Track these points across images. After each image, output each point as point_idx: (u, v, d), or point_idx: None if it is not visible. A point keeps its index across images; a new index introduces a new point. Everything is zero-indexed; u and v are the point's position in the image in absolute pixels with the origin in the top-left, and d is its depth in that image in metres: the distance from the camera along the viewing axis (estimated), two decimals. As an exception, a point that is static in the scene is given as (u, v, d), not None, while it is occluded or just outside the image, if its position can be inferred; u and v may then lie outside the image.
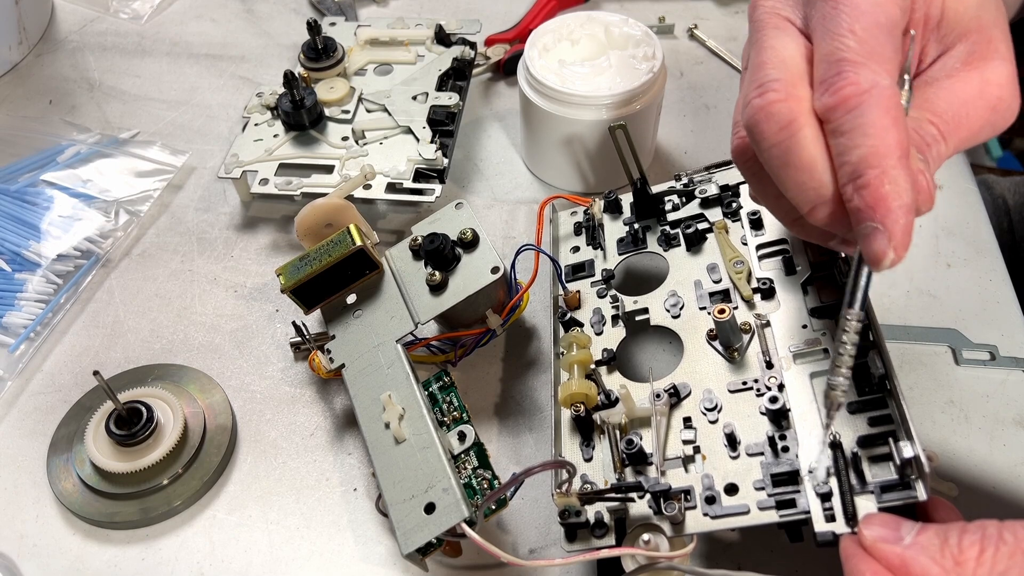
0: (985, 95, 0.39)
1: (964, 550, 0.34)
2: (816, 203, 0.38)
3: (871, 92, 0.35)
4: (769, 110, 0.38)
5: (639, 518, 0.44)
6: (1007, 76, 0.39)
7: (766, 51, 0.39)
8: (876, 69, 0.36)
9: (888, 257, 0.35)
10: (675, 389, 0.48)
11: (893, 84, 0.36)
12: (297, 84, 0.66)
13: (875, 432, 0.42)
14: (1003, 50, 0.39)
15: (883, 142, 0.35)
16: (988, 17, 0.40)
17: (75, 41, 0.85)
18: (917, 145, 0.38)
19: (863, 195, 0.35)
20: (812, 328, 0.47)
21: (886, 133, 0.35)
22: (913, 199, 0.35)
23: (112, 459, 0.52)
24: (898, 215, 0.35)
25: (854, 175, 0.35)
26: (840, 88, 0.36)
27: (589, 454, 0.48)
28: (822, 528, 0.39)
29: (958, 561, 0.34)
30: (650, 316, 0.53)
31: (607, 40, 0.67)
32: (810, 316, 0.48)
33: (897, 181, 0.35)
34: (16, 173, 0.70)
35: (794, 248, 0.51)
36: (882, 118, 0.35)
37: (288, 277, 0.55)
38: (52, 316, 0.62)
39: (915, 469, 0.39)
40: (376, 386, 0.51)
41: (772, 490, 0.43)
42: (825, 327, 0.47)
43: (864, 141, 0.35)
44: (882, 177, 0.35)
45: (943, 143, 0.38)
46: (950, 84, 0.39)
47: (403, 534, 0.45)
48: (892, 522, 0.36)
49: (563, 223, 0.62)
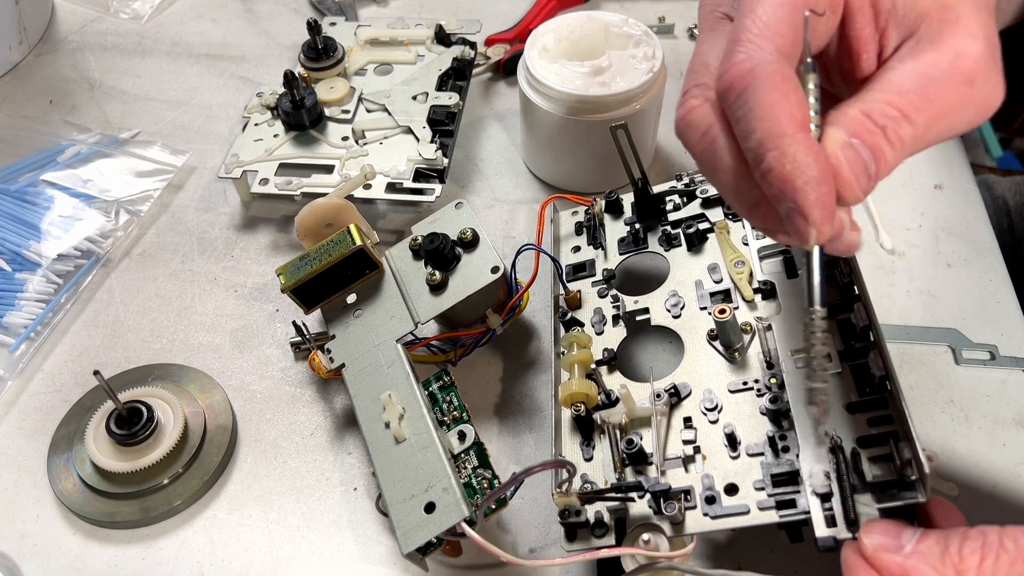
0: (958, 68, 0.36)
1: (965, 558, 0.34)
2: (747, 206, 0.37)
3: (754, 71, 0.34)
4: (688, 119, 0.37)
5: (639, 518, 0.44)
6: (980, 51, 0.36)
7: (694, 57, 0.39)
8: (762, 46, 0.35)
9: (811, 235, 0.34)
10: (675, 389, 0.48)
11: (779, 59, 0.34)
12: (297, 84, 0.66)
13: (875, 432, 0.42)
14: (974, 26, 0.36)
15: (774, 121, 0.33)
16: None
17: (75, 41, 0.85)
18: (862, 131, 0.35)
19: (770, 180, 0.34)
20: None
21: (775, 110, 0.33)
22: (821, 170, 0.33)
23: (112, 459, 0.52)
24: (807, 192, 0.33)
25: (756, 161, 0.34)
26: (724, 71, 0.35)
27: (589, 454, 0.48)
28: (823, 533, 0.39)
29: (959, 570, 0.34)
30: (651, 316, 0.53)
31: (607, 40, 0.67)
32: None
33: (796, 157, 0.33)
34: (16, 173, 0.70)
35: (795, 249, 0.51)
36: (768, 95, 0.34)
37: (288, 277, 0.55)
38: (52, 316, 0.62)
39: (915, 470, 0.39)
40: (376, 386, 0.51)
41: (772, 490, 0.43)
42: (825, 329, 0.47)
43: (757, 124, 0.34)
44: (781, 158, 0.33)
45: (906, 122, 0.35)
46: (914, 64, 0.36)
47: (403, 533, 0.45)
48: (893, 529, 0.36)
49: (564, 223, 0.62)
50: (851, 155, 0.35)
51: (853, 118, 0.35)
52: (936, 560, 0.34)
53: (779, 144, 0.33)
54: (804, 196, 0.33)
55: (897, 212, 0.66)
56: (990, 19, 0.38)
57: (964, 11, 0.37)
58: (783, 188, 0.34)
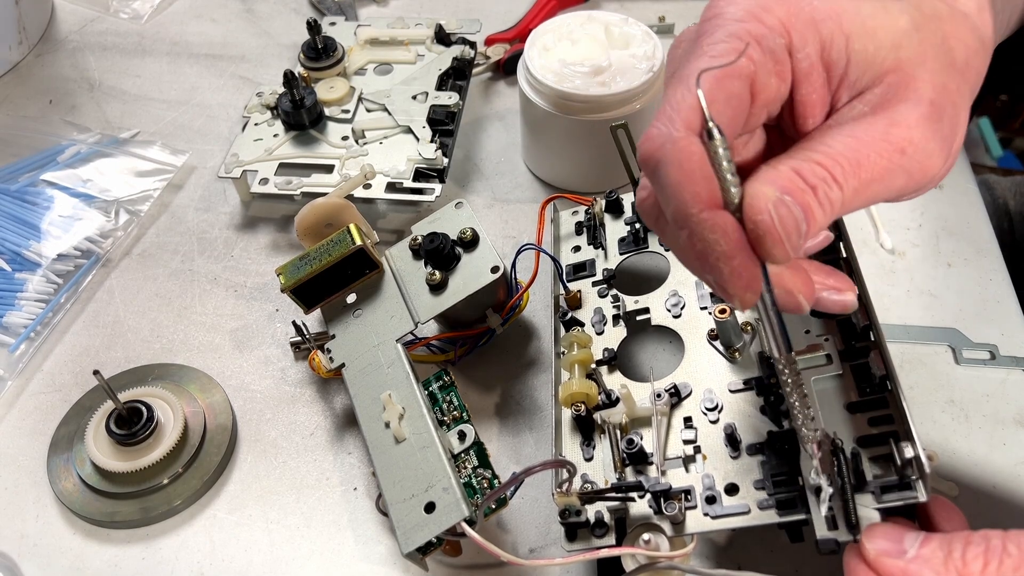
0: (891, 136, 0.35)
1: (968, 563, 0.34)
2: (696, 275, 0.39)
3: (663, 147, 0.34)
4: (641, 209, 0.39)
5: (639, 518, 0.44)
6: (919, 117, 0.35)
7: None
8: (674, 120, 0.34)
9: (736, 303, 0.35)
10: (676, 389, 0.48)
11: (688, 135, 0.34)
12: (297, 84, 0.66)
13: (875, 432, 0.41)
14: (923, 90, 0.36)
15: (680, 199, 0.34)
16: (908, 55, 0.36)
17: (75, 41, 0.85)
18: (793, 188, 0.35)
19: (688, 257, 0.35)
20: (815, 333, 0.47)
21: (680, 188, 0.34)
22: (730, 245, 0.34)
23: (112, 459, 0.52)
24: (720, 267, 0.34)
25: (674, 239, 0.35)
26: (640, 145, 0.35)
27: (589, 453, 0.48)
28: (824, 535, 0.39)
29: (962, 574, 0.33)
30: (651, 316, 0.53)
31: (607, 40, 0.67)
32: (811, 318, 0.47)
33: (704, 236, 0.34)
34: (16, 173, 0.70)
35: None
36: (675, 173, 0.34)
37: (288, 277, 0.55)
38: (52, 316, 0.62)
39: (916, 470, 0.39)
40: (376, 385, 0.51)
41: (773, 490, 0.43)
42: (826, 331, 0.47)
43: (669, 201, 0.34)
44: (691, 237, 0.34)
45: (835, 186, 0.35)
46: (852, 127, 0.36)
47: (403, 533, 0.45)
48: (895, 533, 0.36)
49: (564, 222, 0.62)
50: (783, 211, 0.34)
51: (784, 175, 0.35)
52: (939, 565, 0.34)
53: (688, 223, 0.34)
54: (719, 272, 0.34)
55: (897, 212, 0.66)
56: (950, 78, 0.37)
57: (918, 72, 0.36)
58: (701, 264, 0.34)
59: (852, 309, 0.38)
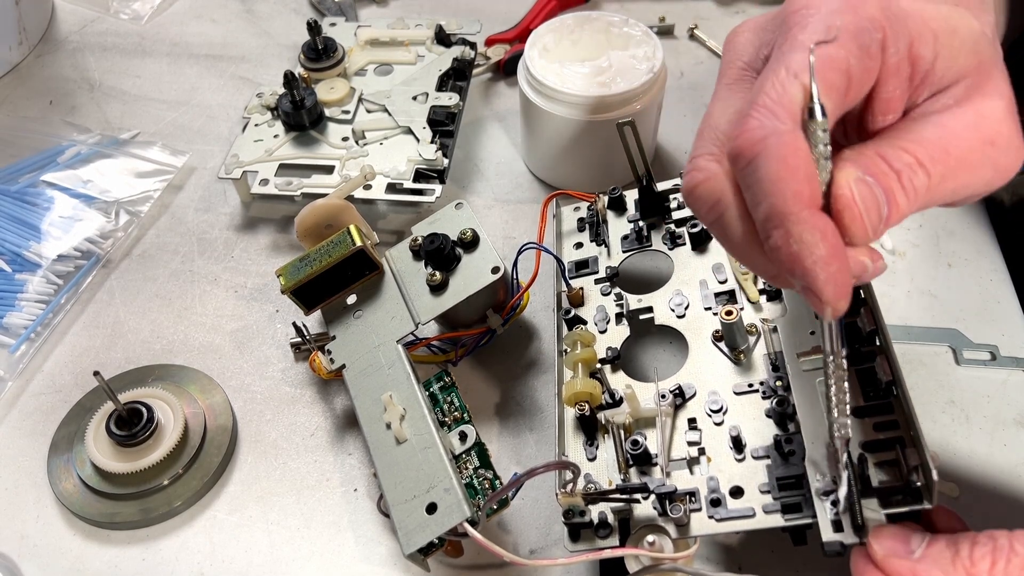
0: (981, 128, 0.35)
1: (976, 562, 0.34)
2: (765, 276, 0.37)
3: (765, 140, 0.33)
4: (696, 193, 0.36)
5: (643, 519, 0.44)
6: (1004, 111, 0.36)
7: (705, 117, 0.38)
8: (779, 113, 0.33)
9: (827, 312, 0.33)
10: (680, 390, 0.48)
11: (795, 129, 0.33)
12: (297, 84, 0.66)
13: (881, 438, 0.41)
14: (1003, 87, 0.36)
15: (779, 197, 0.32)
16: (987, 55, 0.37)
17: (75, 41, 0.85)
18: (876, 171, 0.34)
19: (779, 257, 0.33)
20: (819, 335, 0.47)
21: (781, 185, 0.32)
22: (830, 248, 0.32)
23: (112, 459, 0.52)
24: (816, 272, 0.32)
25: (764, 236, 0.33)
26: (737, 136, 0.33)
27: (593, 453, 0.48)
28: (830, 538, 0.39)
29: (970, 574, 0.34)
30: (654, 315, 0.53)
31: (607, 40, 0.67)
32: (816, 320, 0.47)
33: (802, 237, 0.32)
34: (16, 173, 0.70)
35: None
36: (777, 169, 0.32)
37: (288, 278, 0.55)
38: (52, 317, 0.62)
39: (922, 477, 0.39)
40: (377, 387, 0.51)
41: (778, 494, 0.42)
42: None
43: (763, 198, 0.33)
44: (787, 236, 0.32)
45: (921, 171, 0.34)
46: (939, 116, 0.36)
47: (405, 534, 0.45)
48: (902, 534, 0.36)
49: (566, 218, 0.62)
50: (864, 190, 0.33)
51: (868, 157, 0.34)
52: (947, 564, 0.34)
53: (784, 222, 0.32)
54: (814, 276, 0.32)
55: (897, 212, 0.66)
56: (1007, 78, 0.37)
57: (995, 72, 0.36)
58: (792, 266, 0.33)
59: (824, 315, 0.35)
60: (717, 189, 0.36)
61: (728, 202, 0.35)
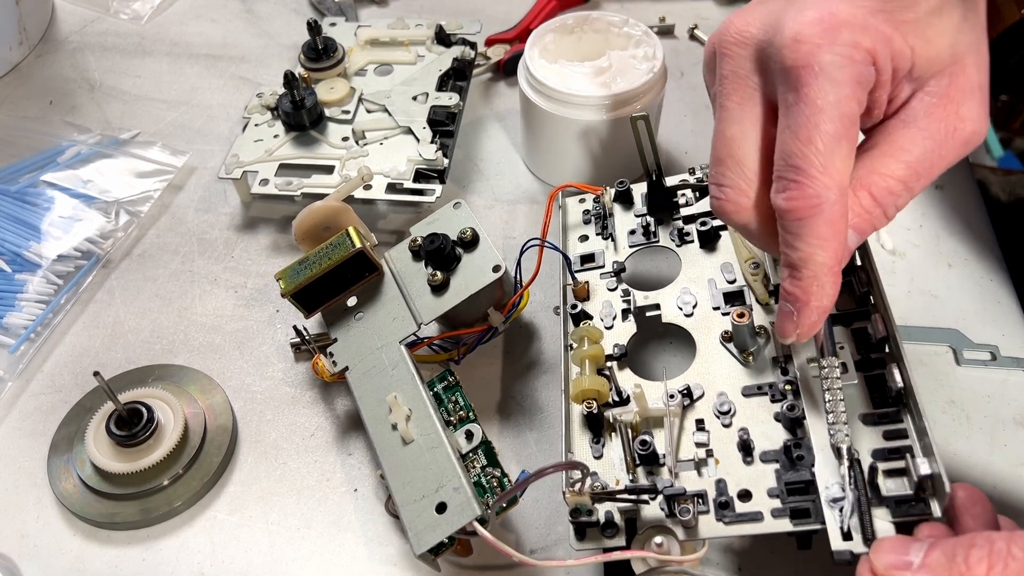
0: (959, 132, 0.40)
1: (972, 567, 0.33)
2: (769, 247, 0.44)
3: (819, 207, 0.38)
4: (724, 212, 0.43)
5: (651, 520, 0.44)
6: (978, 107, 0.40)
7: (725, 143, 0.43)
8: (827, 183, 0.38)
9: (791, 338, 0.41)
10: (688, 390, 0.48)
11: (841, 195, 0.39)
12: (297, 84, 0.66)
13: (891, 446, 0.41)
14: (975, 78, 0.40)
15: (821, 252, 0.39)
16: (963, 46, 0.40)
17: (75, 41, 0.85)
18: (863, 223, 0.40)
19: (794, 285, 0.40)
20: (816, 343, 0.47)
21: (826, 244, 0.39)
22: (831, 302, 0.40)
23: (112, 460, 0.52)
24: (812, 313, 0.40)
25: (792, 268, 0.40)
26: (792, 199, 0.39)
27: (599, 452, 0.48)
28: (839, 547, 0.39)
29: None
30: (662, 313, 0.53)
31: (607, 40, 0.67)
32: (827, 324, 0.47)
33: (824, 287, 0.40)
34: (16, 173, 0.70)
35: None
36: (824, 231, 0.39)
37: (288, 281, 0.55)
38: (52, 317, 0.62)
39: (931, 486, 0.39)
40: (381, 388, 0.51)
41: (786, 498, 0.42)
42: (841, 339, 0.46)
43: (805, 247, 0.39)
44: (812, 280, 0.40)
45: (907, 194, 0.41)
46: (924, 124, 0.40)
47: (415, 534, 0.45)
48: (901, 546, 0.36)
49: (571, 211, 0.61)
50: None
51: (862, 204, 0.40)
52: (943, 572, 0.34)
53: (816, 271, 0.39)
54: (807, 316, 0.40)
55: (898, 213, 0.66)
56: (984, 50, 0.41)
57: (970, 60, 0.40)
58: (798, 299, 0.40)
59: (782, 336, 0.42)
60: (745, 218, 0.43)
61: (750, 225, 0.43)
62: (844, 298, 0.48)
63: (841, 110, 0.38)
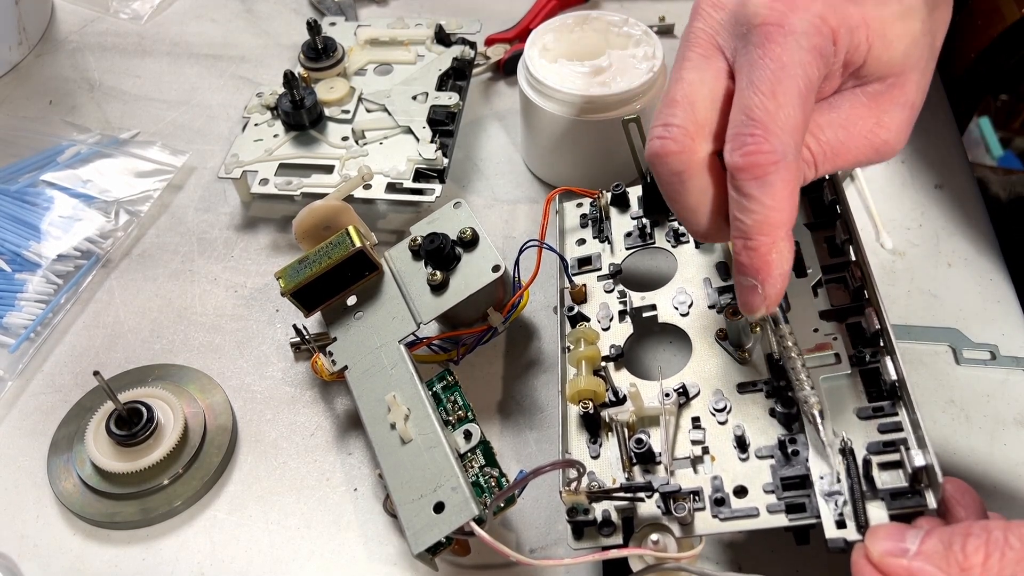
0: (873, 136, 0.40)
1: (968, 555, 0.33)
2: (695, 233, 0.43)
3: (778, 164, 0.37)
4: (664, 157, 0.40)
5: (647, 518, 0.44)
6: (901, 122, 0.41)
7: (681, 85, 0.41)
8: (786, 140, 0.37)
9: (760, 311, 0.40)
10: (684, 388, 0.48)
11: (798, 157, 0.38)
12: (297, 84, 0.66)
13: (886, 439, 0.41)
14: (911, 95, 0.41)
15: (779, 214, 0.38)
16: (912, 61, 0.41)
17: (75, 41, 0.85)
18: None
19: (750, 256, 0.38)
20: (823, 333, 0.47)
21: (784, 206, 0.38)
22: (791, 266, 0.39)
23: (112, 459, 0.52)
24: (776, 280, 0.39)
25: (746, 235, 0.38)
26: (750, 153, 0.37)
27: (596, 451, 0.48)
28: (833, 535, 0.39)
29: (963, 567, 0.33)
30: (658, 313, 0.53)
31: (607, 40, 0.67)
32: (820, 319, 0.47)
33: (782, 252, 0.38)
34: (16, 173, 0.70)
35: (805, 250, 0.51)
36: (782, 191, 0.37)
37: (288, 280, 0.55)
38: (52, 316, 0.62)
39: (926, 478, 0.39)
40: (380, 387, 0.51)
41: (782, 493, 0.42)
42: (836, 331, 0.47)
43: (761, 210, 0.38)
44: (770, 246, 0.38)
45: (812, 168, 0.40)
46: (845, 116, 0.40)
47: (413, 534, 0.45)
48: (897, 533, 0.36)
49: (569, 215, 0.61)
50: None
51: None
52: (940, 560, 0.34)
53: (774, 234, 0.38)
54: (772, 284, 0.39)
55: (897, 212, 0.66)
56: (929, 71, 0.42)
57: (912, 76, 0.41)
58: (759, 269, 0.38)
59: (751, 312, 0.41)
60: (685, 163, 0.40)
61: (692, 174, 0.40)
62: (838, 294, 0.48)
63: (806, 71, 0.38)
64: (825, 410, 0.42)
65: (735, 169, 0.38)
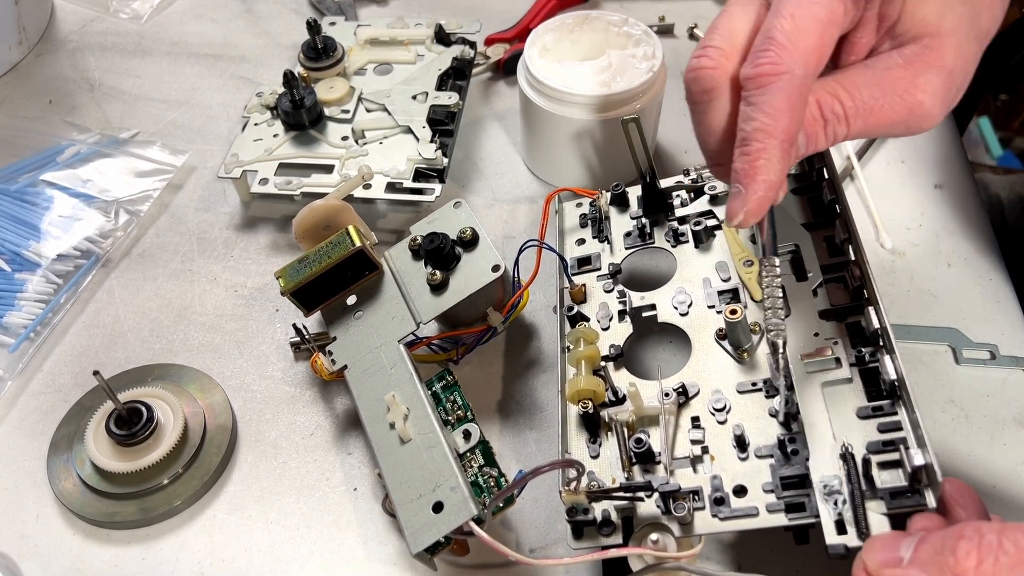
0: (908, 96, 0.41)
1: (960, 560, 0.33)
2: (706, 152, 0.44)
3: (782, 76, 0.39)
4: (699, 73, 0.42)
5: (647, 517, 0.44)
6: (937, 86, 0.41)
7: (723, 17, 0.43)
8: (796, 57, 0.39)
9: (738, 217, 0.40)
10: (683, 388, 0.48)
11: (806, 74, 0.39)
12: (297, 84, 0.66)
13: (885, 438, 0.41)
14: (948, 60, 0.41)
15: (775, 124, 0.39)
16: (949, 24, 0.41)
17: (75, 41, 0.85)
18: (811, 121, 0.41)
19: (742, 160, 0.40)
20: (823, 336, 0.47)
21: (781, 117, 0.39)
22: (779, 180, 0.40)
23: (112, 459, 0.52)
24: (758, 187, 0.39)
25: (743, 142, 0.40)
26: (759, 64, 0.39)
27: (595, 451, 0.48)
28: (834, 541, 0.39)
29: (955, 573, 0.33)
30: (657, 313, 0.53)
31: (607, 40, 0.67)
32: (820, 320, 0.47)
33: (772, 160, 0.39)
34: (16, 173, 0.70)
35: (805, 250, 0.51)
36: (782, 102, 0.39)
37: (288, 279, 0.55)
38: (52, 316, 0.62)
39: (925, 477, 0.39)
40: (380, 387, 0.51)
41: (781, 493, 0.42)
42: (836, 334, 0.47)
43: (760, 117, 0.39)
44: (761, 152, 0.39)
45: (844, 124, 0.41)
46: (880, 74, 0.41)
47: (412, 534, 0.45)
48: (892, 543, 0.36)
49: (568, 215, 0.62)
50: None
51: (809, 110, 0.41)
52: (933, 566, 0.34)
53: (767, 142, 0.39)
54: (754, 190, 0.39)
55: (897, 212, 0.66)
56: (971, 47, 0.42)
57: (949, 41, 0.41)
58: (746, 173, 0.39)
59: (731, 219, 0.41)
60: (717, 79, 0.42)
61: (720, 93, 0.42)
62: (838, 293, 0.48)
63: (831, 3, 0.39)
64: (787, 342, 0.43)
65: (745, 79, 0.40)
